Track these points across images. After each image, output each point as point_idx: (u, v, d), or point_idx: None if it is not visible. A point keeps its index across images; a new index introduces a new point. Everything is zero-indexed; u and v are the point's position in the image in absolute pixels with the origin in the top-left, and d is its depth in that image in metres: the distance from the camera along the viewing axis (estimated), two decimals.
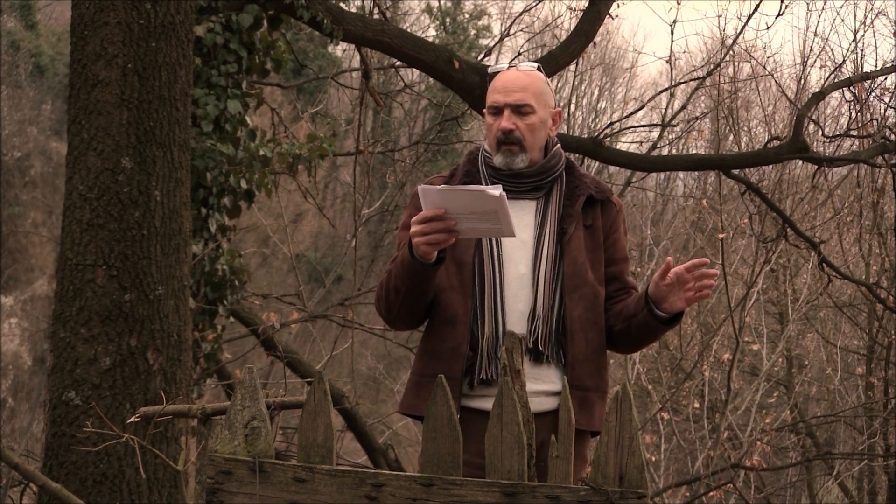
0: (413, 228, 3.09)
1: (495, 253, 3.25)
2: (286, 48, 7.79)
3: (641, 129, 13.24)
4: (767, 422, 12.76)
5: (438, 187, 3.01)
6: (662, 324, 3.25)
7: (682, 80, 11.27)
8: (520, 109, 3.31)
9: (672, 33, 17.17)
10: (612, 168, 13.79)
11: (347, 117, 20.17)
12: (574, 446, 2.75)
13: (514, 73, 3.36)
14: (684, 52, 19.28)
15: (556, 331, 3.25)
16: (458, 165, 3.45)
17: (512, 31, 12.69)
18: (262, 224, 15.09)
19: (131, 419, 3.77)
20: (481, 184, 3.33)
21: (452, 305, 3.25)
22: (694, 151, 14.18)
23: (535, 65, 3.42)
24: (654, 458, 12.17)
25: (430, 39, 17.85)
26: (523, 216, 3.32)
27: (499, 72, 3.40)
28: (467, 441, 2.93)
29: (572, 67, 13.58)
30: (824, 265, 8.77)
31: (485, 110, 3.39)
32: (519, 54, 10.78)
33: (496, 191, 2.94)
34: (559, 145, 3.42)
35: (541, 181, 3.34)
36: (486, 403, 2.69)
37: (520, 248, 3.29)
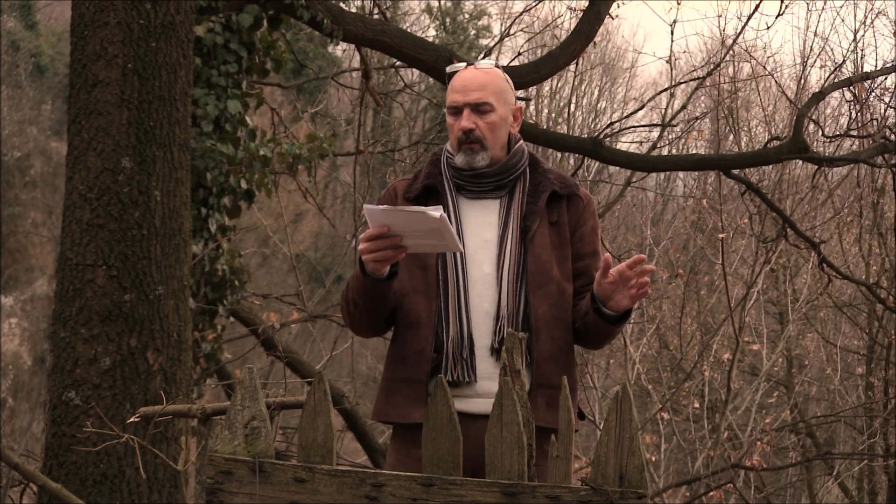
0: (361, 246, 3.08)
1: (458, 253, 3.24)
2: (286, 48, 7.80)
3: (641, 129, 13.22)
4: (767, 422, 12.75)
5: (381, 207, 3.02)
6: (609, 323, 3.20)
7: (682, 80, 11.27)
8: (479, 108, 3.28)
9: (672, 33, 17.03)
10: (612, 168, 13.78)
11: (347, 117, 20.16)
12: (540, 445, 2.73)
13: (472, 71, 3.33)
14: (684, 52, 19.32)
15: (521, 330, 3.22)
16: (422, 168, 3.42)
17: (512, 31, 12.72)
18: (262, 224, 15.07)
19: (131, 419, 3.78)
20: (443, 185, 3.33)
21: (416, 309, 3.24)
22: (694, 151, 14.17)
23: (493, 62, 3.41)
24: (654, 458, 12.16)
25: (430, 39, 17.84)
26: (487, 215, 3.30)
27: (457, 71, 3.37)
28: None
29: (572, 67, 13.57)
30: (824, 265, 8.78)
31: (444, 110, 3.38)
32: (519, 54, 10.76)
33: (436, 212, 2.94)
34: (521, 142, 3.39)
35: (503, 180, 3.32)
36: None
37: (483, 247, 3.27)
